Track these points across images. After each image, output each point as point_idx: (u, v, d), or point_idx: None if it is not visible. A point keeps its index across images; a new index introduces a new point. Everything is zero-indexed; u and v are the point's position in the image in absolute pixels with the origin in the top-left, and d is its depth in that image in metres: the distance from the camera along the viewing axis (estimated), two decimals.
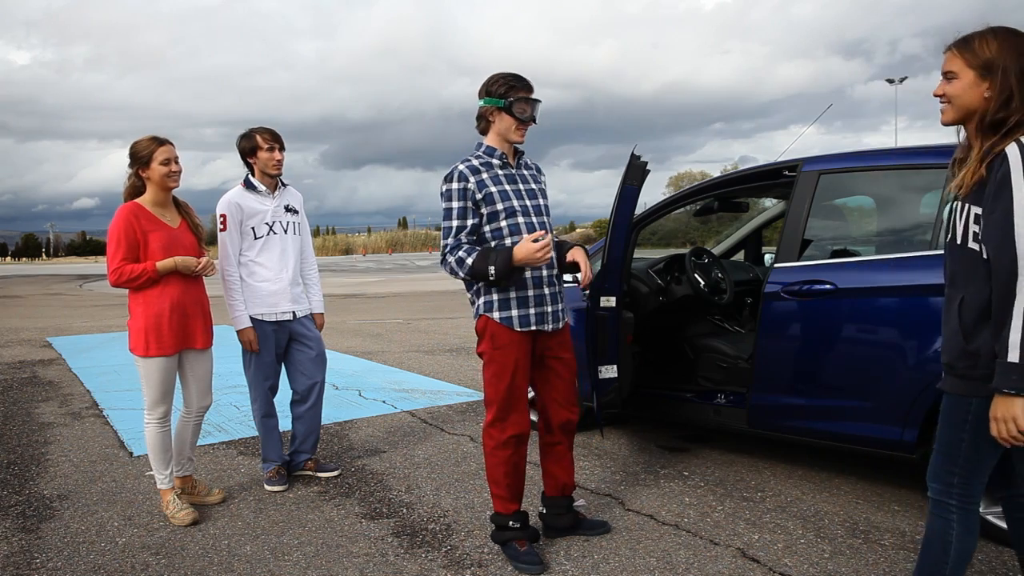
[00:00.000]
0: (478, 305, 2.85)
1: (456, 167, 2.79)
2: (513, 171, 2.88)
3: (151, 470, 3.41)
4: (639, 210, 3.81)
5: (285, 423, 3.98)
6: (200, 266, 3.28)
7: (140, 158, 3.21)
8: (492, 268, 2.67)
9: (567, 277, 4.16)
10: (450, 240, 2.75)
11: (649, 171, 3.55)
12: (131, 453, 4.37)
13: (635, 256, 4.24)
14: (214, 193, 3.79)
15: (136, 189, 3.27)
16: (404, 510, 3.40)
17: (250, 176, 3.71)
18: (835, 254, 3.69)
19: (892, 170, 3.45)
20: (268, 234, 3.66)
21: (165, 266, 3.18)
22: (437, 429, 4.83)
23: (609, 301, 3.54)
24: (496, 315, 2.79)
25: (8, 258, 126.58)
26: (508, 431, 2.81)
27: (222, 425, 5.02)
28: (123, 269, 3.15)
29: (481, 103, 2.83)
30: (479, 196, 2.76)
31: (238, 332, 3.62)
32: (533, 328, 2.82)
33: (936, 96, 1.92)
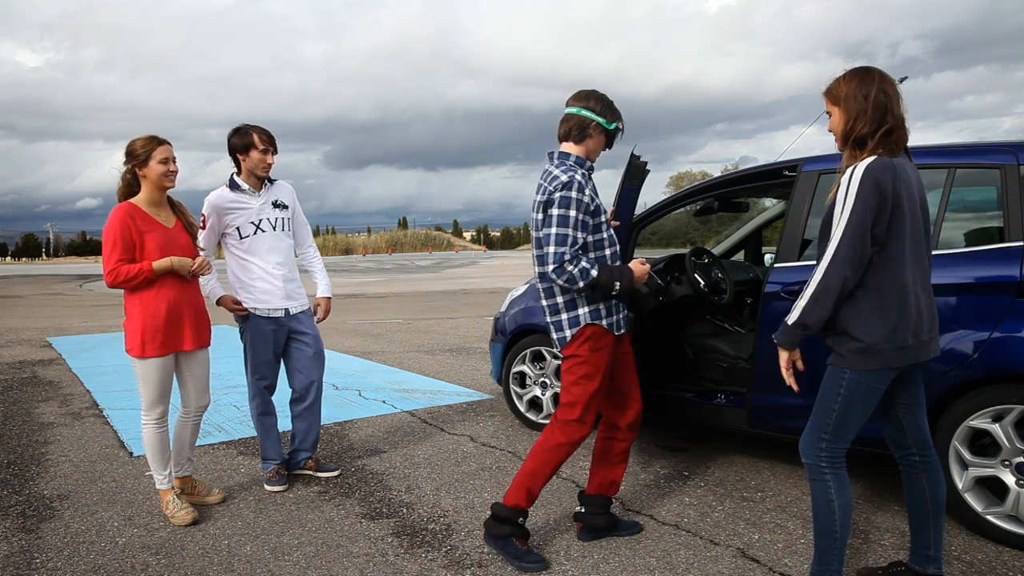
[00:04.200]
0: (582, 313, 2.88)
1: (574, 176, 2.78)
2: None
3: (151, 470, 3.42)
4: (639, 210, 3.80)
5: (284, 423, 3.98)
6: (196, 266, 3.28)
7: (138, 156, 3.19)
8: (618, 284, 2.81)
9: None
10: (567, 249, 2.75)
11: (649, 171, 3.55)
12: (131, 453, 4.37)
13: (635, 256, 4.23)
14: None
15: (130, 188, 3.24)
16: (404, 510, 3.40)
17: (235, 175, 3.69)
18: None
19: None
20: (255, 233, 3.66)
21: (161, 266, 3.18)
22: (437, 429, 4.83)
23: None
24: (604, 321, 2.89)
25: (8, 258, 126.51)
26: (584, 431, 2.90)
27: (222, 425, 5.02)
28: (119, 269, 3.14)
29: (586, 114, 2.87)
30: (592, 207, 2.82)
31: (218, 303, 3.65)
32: (623, 331, 3.00)
33: (829, 131, 2.39)
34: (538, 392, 4.68)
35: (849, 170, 2.22)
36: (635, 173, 3.47)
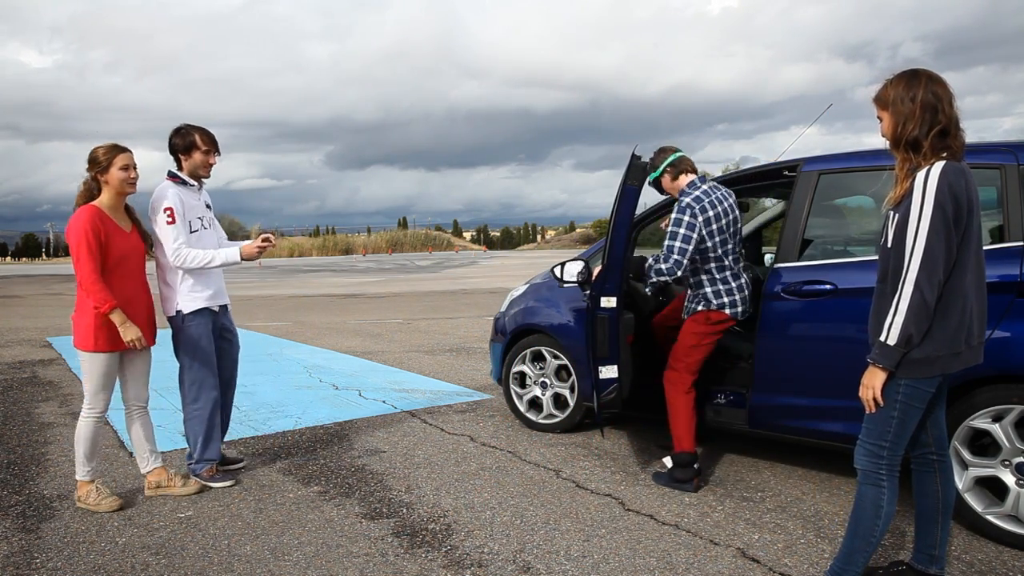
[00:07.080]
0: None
1: None
2: None
3: (75, 463, 3.48)
4: (639, 210, 3.81)
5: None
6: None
7: (99, 164, 3.35)
8: None
9: (567, 276, 4.14)
10: None
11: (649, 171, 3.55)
12: (131, 453, 4.36)
13: (635, 256, 4.23)
14: (218, 192, 3.80)
15: (91, 194, 3.40)
16: (404, 510, 3.40)
17: (177, 171, 3.70)
18: (835, 254, 3.69)
19: (892, 170, 3.45)
20: (200, 228, 3.73)
21: (117, 319, 3.32)
22: (437, 429, 4.83)
23: (610, 301, 3.54)
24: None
25: (8, 258, 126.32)
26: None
27: None
28: (104, 294, 3.28)
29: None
30: None
31: (243, 253, 3.62)
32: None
33: (882, 135, 2.36)
34: (538, 392, 4.68)
35: (922, 174, 2.16)
36: (636, 173, 3.47)
